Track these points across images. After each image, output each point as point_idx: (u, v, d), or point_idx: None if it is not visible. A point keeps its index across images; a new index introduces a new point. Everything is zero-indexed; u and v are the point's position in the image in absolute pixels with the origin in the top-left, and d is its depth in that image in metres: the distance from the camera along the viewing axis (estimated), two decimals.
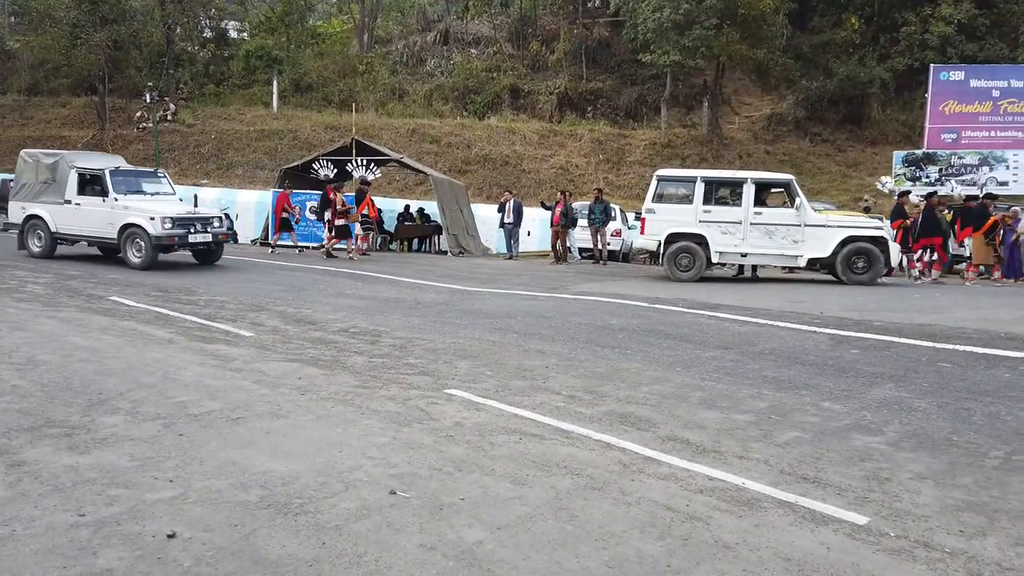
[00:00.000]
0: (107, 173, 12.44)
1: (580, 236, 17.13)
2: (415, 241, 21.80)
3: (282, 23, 34.39)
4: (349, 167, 18.01)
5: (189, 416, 4.56)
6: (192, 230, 12.39)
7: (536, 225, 20.27)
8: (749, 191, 12.38)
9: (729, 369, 6.12)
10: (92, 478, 3.50)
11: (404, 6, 40.37)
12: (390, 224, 21.21)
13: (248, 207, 23.42)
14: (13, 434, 4.03)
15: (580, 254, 17.57)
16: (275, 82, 31.59)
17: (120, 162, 13.85)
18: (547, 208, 17.03)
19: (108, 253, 13.53)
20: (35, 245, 13.23)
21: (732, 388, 5.54)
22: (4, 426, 4.15)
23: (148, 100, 28.01)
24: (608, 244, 16.80)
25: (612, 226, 17.18)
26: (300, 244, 17.83)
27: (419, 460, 3.95)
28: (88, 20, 28.99)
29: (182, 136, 29.35)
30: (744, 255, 12.61)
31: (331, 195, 15.76)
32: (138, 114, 30.56)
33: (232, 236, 22.21)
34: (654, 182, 13.03)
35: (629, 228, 18.47)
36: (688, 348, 6.96)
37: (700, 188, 12.56)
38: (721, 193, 12.89)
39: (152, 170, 14.43)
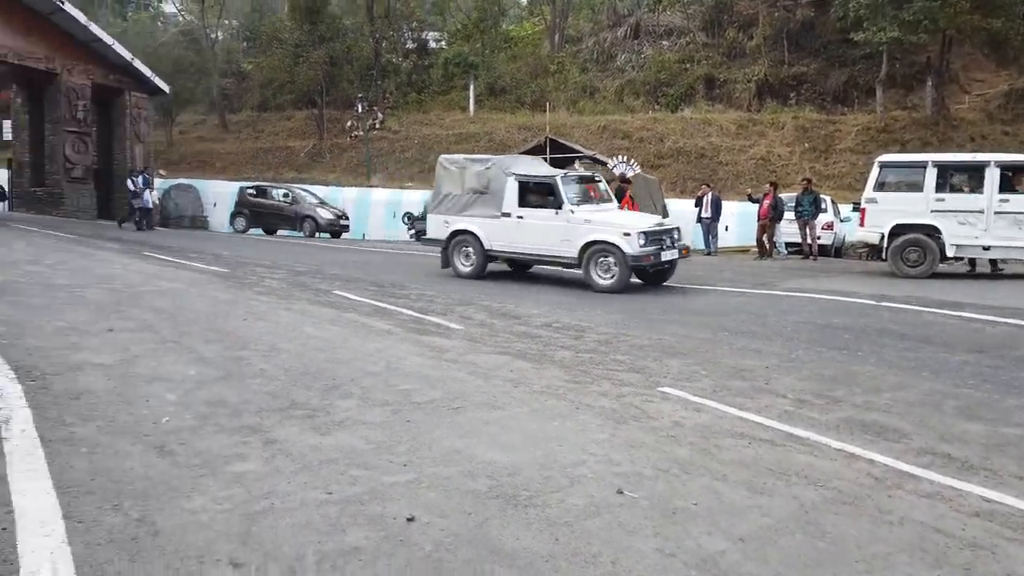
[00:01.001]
0: (559, 180, 10.72)
1: (787, 230, 16.06)
2: None
3: (477, 29, 35.69)
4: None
5: (414, 404, 4.72)
6: (663, 246, 10.32)
7: (734, 219, 19.31)
8: (993, 176, 10.90)
9: (987, 375, 5.35)
10: (335, 458, 3.70)
11: (595, 4, 40.31)
12: None
13: None
14: (265, 414, 4.39)
15: (786, 249, 16.49)
16: (471, 86, 32.84)
17: (546, 167, 12.29)
18: (754, 201, 16.12)
19: (519, 268, 12.23)
20: (463, 264, 11.60)
21: (994, 397, 4.82)
22: (257, 407, 4.53)
23: (359, 110, 30.26)
24: (819, 238, 15.61)
25: (822, 219, 15.94)
26: None
27: (642, 460, 3.79)
28: (308, 40, 31.87)
29: (389, 142, 31.38)
30: (987, 248, 11.11)
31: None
32: (349, 123, 33.09)
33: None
34: (876, 169, 11.86)
35: (842, 221, 17.04)
36: (931, 351, 6.20)
37: (932, 174, 11.23)
38: (957, 179, 11.46)
39: (590, 174, 12.52)
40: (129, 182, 21.62)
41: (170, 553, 2.70)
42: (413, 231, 23.73)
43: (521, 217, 10.96)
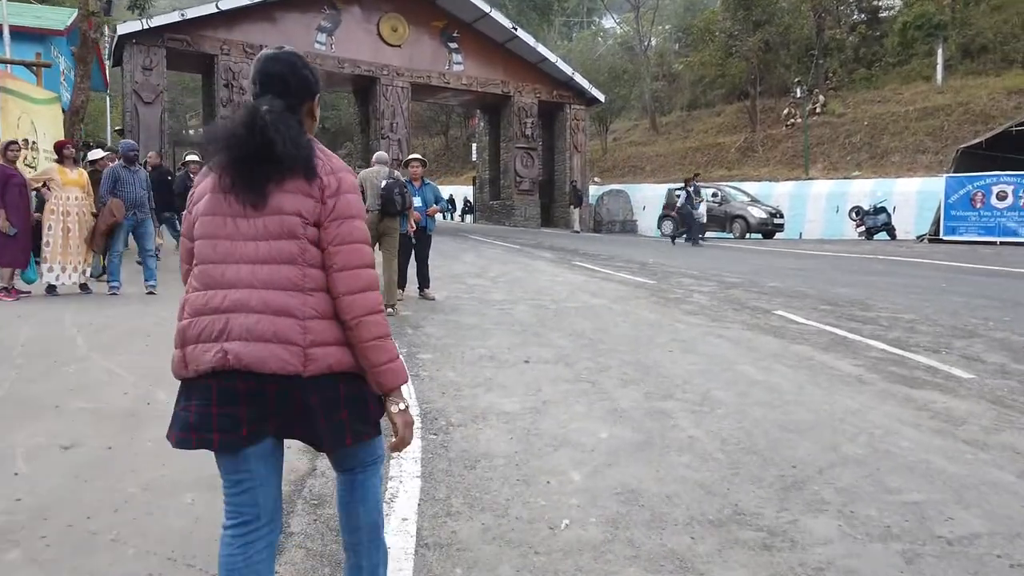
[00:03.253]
0: None
1: None
2: None
3: None
4: None
5: (943, 545, 2.84)
6: None
7: None
8: None
9: None
10: None
11: None
12: None
13: (907, 198, 20.60)
14: (696, 530, 2.97)
15: None
16: (939, 50, 27.33)
17: None
18: None
19: None
20: None
21: None
22: (685, 512, 3.14)
23: (796, 95, 27.46)
24: None
25: None
26: None
27: None
28: (742, 28, 30.04)
29: (831, 128, 27.88)
30: None
31: None
32: (786, 111, 30.40)
33: (889, 231, 19.77)
34: None
35: None
36: None
37: None
38: None
39: None
40: (683, 193, 18.97)
41: None
42: (863, 228, 20.39)
43: None
